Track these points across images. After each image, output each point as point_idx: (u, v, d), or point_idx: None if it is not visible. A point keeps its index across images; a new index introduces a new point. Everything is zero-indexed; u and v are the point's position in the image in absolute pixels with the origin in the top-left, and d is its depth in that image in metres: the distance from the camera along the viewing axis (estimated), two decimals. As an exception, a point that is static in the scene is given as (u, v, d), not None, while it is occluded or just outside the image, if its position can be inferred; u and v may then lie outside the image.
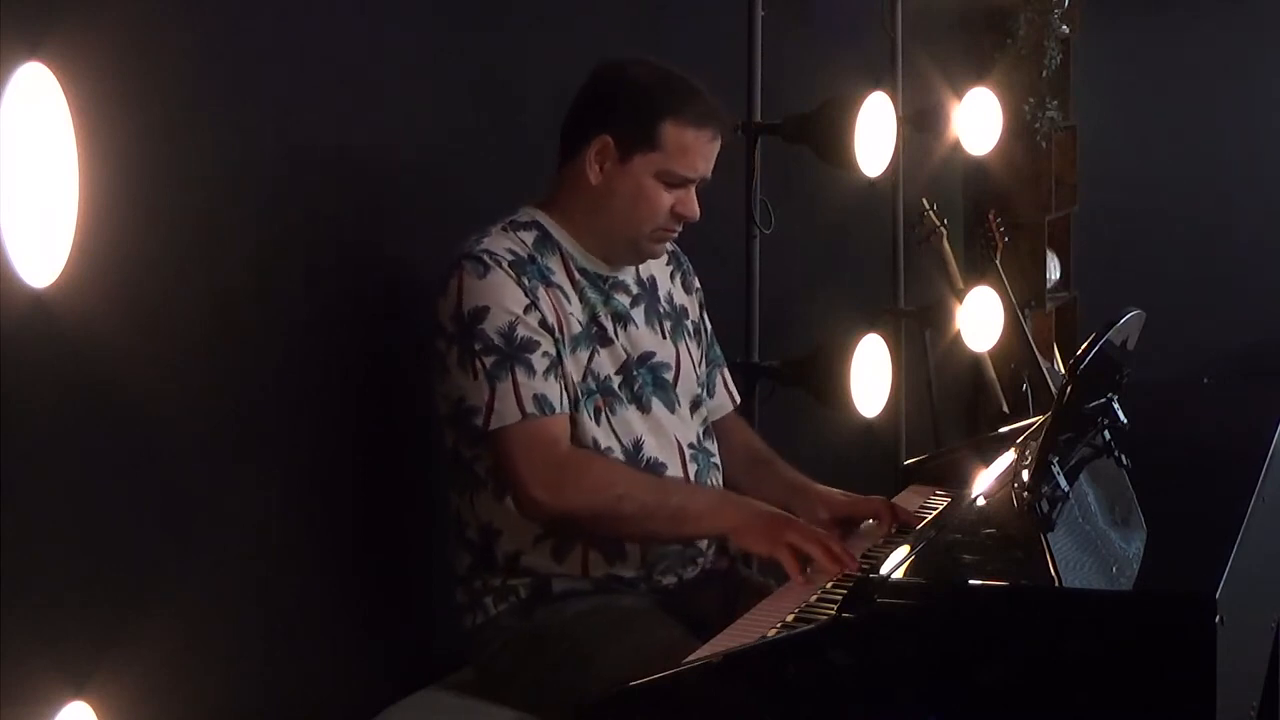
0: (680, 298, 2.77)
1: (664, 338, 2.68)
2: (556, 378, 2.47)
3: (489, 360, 2.43)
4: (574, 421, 2.51)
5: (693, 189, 2.58)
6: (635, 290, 2.66)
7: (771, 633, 2.15)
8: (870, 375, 3.78)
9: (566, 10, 3.24)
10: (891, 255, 4.43)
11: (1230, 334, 6.02)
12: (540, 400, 2.43)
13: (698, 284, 2.84)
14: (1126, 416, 2.63)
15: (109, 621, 2.11)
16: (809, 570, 2.37)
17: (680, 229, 2.62)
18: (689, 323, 2.77)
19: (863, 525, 2.68)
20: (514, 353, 2.43)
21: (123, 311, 2.10)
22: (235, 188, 2.38)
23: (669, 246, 2.70)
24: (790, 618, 2.22)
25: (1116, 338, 2.48)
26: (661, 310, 2.70)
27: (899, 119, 3.99)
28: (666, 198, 2.55)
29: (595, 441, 2.52)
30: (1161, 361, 3.42)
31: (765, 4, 3.68)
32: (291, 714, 2.53)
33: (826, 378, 3.72)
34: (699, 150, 2.56)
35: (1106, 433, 2.58)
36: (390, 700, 2.57)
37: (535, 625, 2.50)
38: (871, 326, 3.94)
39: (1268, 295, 6.01)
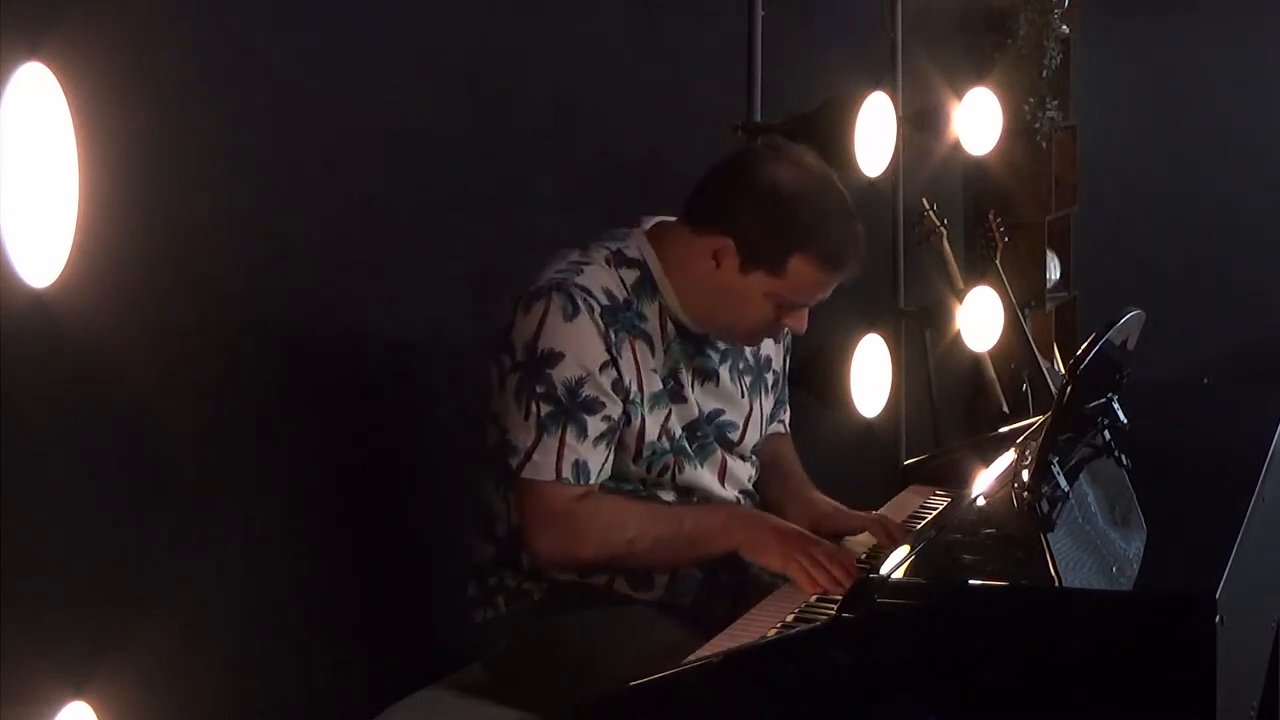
0: (768, 347, 2.72)
1: (741, 396, 2.64)
2: (607, 445, 2.44)
3: (545, 409, 2.38)
4: (637, 479, 2.50)
5: (807, 308, 2.53)
6: (724, 346, 2.61)
7: (771, 633, 2.15)
8: (870, 375, 3.79)
9: (566, 10, 3.24)
10: (891, 255, 4.42)
11: (1230, 334, 6.02)
12: (579, 467, 2.40)
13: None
14: (1126, 416, 2.63)
15: (109, 621, 2.11)
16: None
17: (778, 335, 2.61)
18: (770, 374, 2.73)
19: (847, 539, 2.66)
20: (572, 409, 2.39)
21: (123, 311, 2.10)
22: (234, 187, 2.38)
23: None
24: (790, 618, 2.22)
25: (1116, 338, 2.48)
26: (745, 364, 2.66)
27: (899, 119, 3.99)
28: (773, 312, 2.50)
29: (658, 499, 2.52)
30: (1161, 361, 3.42)
31: (765, 4, 3.68)
32: (291, 714, 2.53)
33: (826, 378, 3.73)
34: (823, 286, 2.50)
35: (1106, 433, 2.58)
36: (392, 699, 2.57)
37: (544, 625, 2.50)
38: (871, 326, 3.94)
39: (1268, 295, 6.00)
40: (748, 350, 2.67)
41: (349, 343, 2.66)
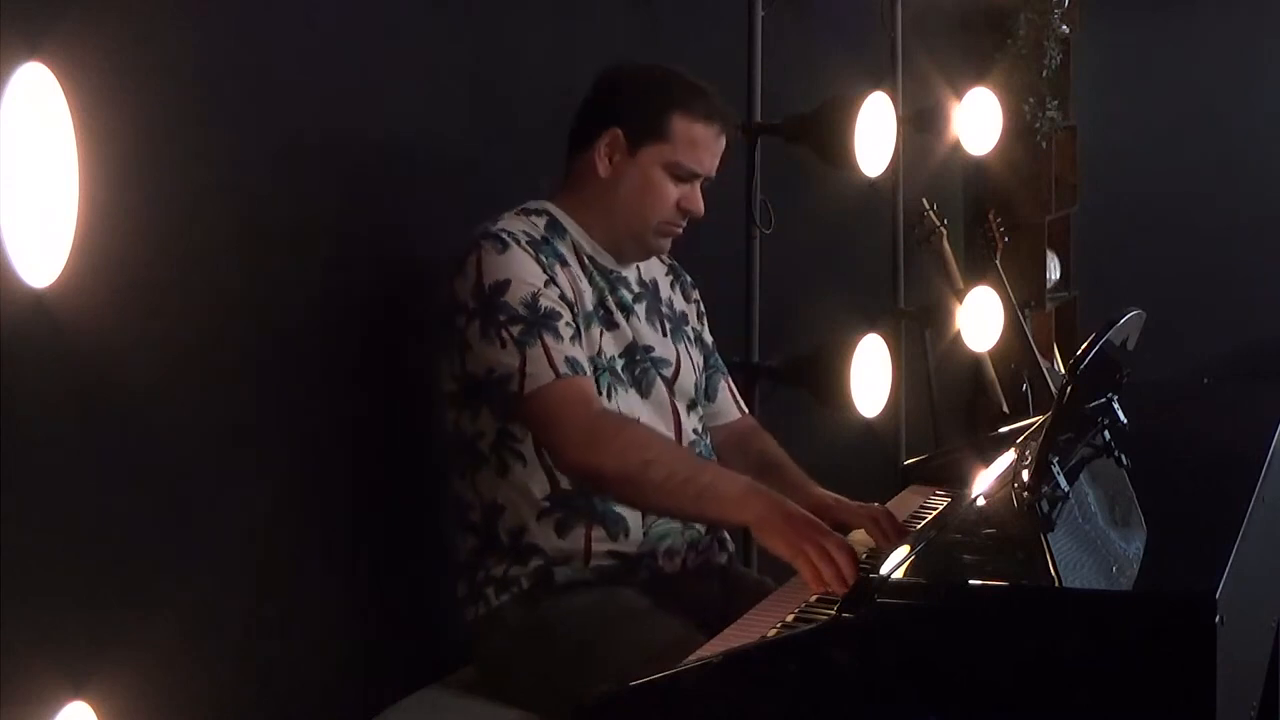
0: (680, 304, 2.81)
1: (664, 336, 2.70)
2: (581, 345, 2.51)
3: (516, 329, 2.45)
4: None
5: (698, 185, 2.63)
6: (637, 289, 2.70)
7: (771, 633, 2.15)
8: (870, 375, 3.78)
9: (566, 10, 3.24)
10: (891, 255, 4.43)
11: (1230, 334, 6.02)
12: (572, 362, 2.46)
13: (697, 295, 2.88)
14: (1126, 416, 2.63)
15: (109, 621, 2.11)
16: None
17: (684, 225, 2.66)
18: (688, 328, 2.80)
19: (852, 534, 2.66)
20: (540, 320, 2.46)
21: (123, 311, 2.10)
22: (234, 187, 2.38)
23: (669, 247, 2.73)
24: (790, 618, 2.22)
25: (1116, 338, 2.48)
26: (662, 311, 2.73)
27: (899, 119, 3.99)
28: (673, 191, 2.61)
29: None
30: (1161, 361, 3.42)
31: (765, 4, 3.68)
32: (291, 714, 2.53)
33: (826, 378, 3.72)
34: (707, 145, 2.62)
35: (1106, 433, 2.58)
36: (390, 700, 2.57)
37: (538, 619, 2.50)
38: (871, 326, 3.94)
39: (1268, 295, 6.01)
40: (662, 300, 2.74)
41: (350, 343, 2.66)
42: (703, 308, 2.89)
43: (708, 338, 2.88)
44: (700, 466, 2.51)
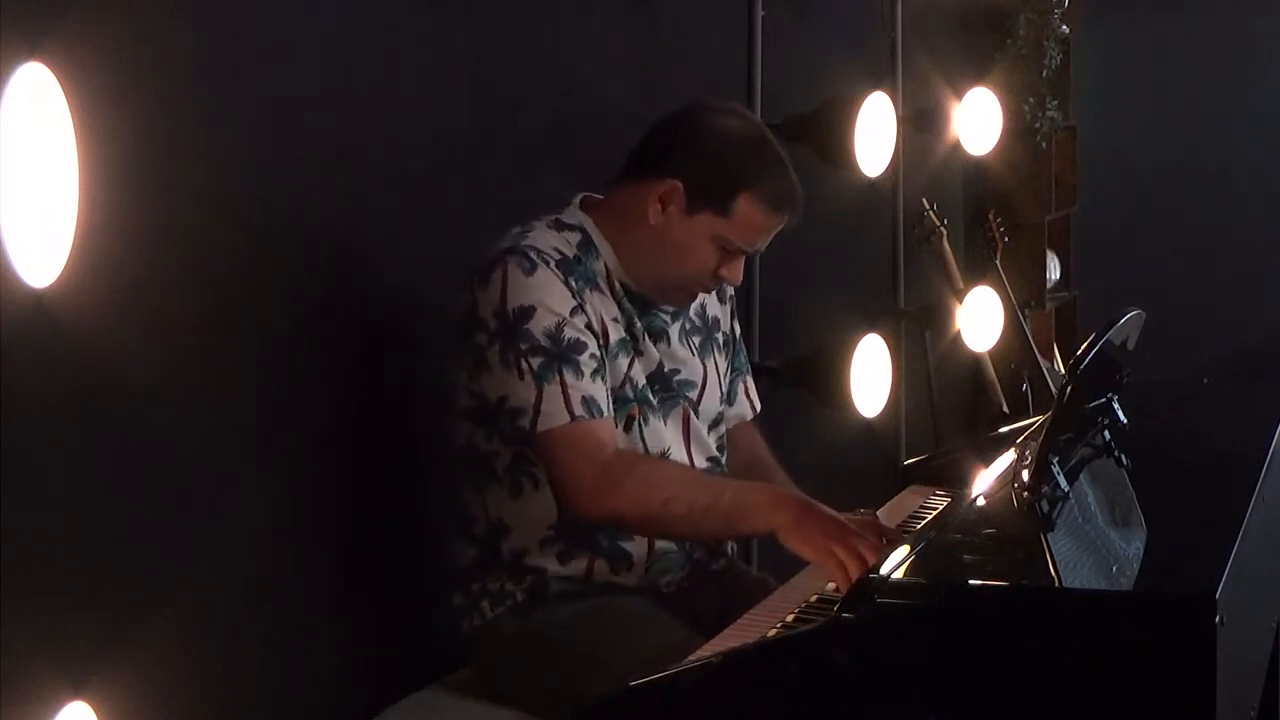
0: (714, 308, 2.75)
1: (693, 354, 2.65)
2: (603, 380, 2.45)
3: (536, 361, 2.40)
4: None
5: (743, 258, 2.57)
6: (670, 308, 2.64)
7: (771, 633, 2.15)
8: (870, 375, 3.79)
9: (566, 10, 3.24)
10: (891, 255, 4.43)
11: (1230, 334, 6.02)
12: (589, 403, 2.41)
13: (731, 291, 2.81)
14: (1126, 416, 2.63)
15: (109, 621, 2.11)
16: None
17: (715, 288, 2.63)
18: (720, 335, 2.75)
19: None
20: (562, 353, 2.40)
21: (123, 311, 2.10)
22: (235, 188, 2.38)
23: (692, 304, 2.67)
24: (790, 618, 2.22)
25: (1116, 338, 2.48)
26: (692, 325, 2.68)
27: (899, 119, 3.99)
28: (715, 260, 2.54)
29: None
30: (1161, 361, 3.42)
31: (765, 4, 3.68)
32: (291, 714, 2.52)
33: (826, 378, 3.73)
34: (766, 230, 2.55)
35: (1106, 433, 2.58)
36: (390, 700, 2.57)
37: (534, 630, 2.50)
38: (871, 326, 3.94)
39: (1268, 295, 6.01)
40: (693, 311, 2.68)
41: (350, 344, 2.67)
42: (735, 303, 2.83)
43: (737, 331, 2.82)
44: (718, 488, 2.47)
